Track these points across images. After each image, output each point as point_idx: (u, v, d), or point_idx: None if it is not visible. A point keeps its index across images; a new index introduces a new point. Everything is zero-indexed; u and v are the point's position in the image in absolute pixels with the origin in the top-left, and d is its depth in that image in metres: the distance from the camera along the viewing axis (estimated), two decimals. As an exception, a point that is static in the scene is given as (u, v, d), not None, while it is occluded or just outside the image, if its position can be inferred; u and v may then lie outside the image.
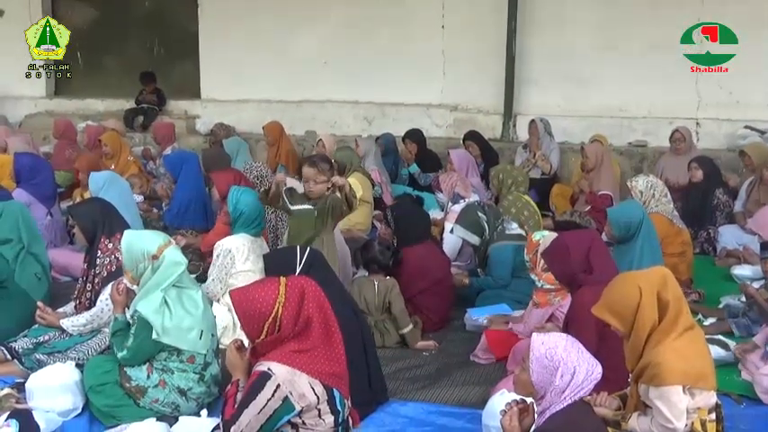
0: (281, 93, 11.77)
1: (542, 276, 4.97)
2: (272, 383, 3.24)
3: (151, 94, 12.26)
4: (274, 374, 3.25)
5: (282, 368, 3.26)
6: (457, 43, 10.95)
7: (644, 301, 3.41)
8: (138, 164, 9.85)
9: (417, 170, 9.62)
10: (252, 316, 3.30)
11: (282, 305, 3.29)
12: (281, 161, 10.02)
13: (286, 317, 3.29)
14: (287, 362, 3.28)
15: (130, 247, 4.41)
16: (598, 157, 8.44)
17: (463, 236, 6.37)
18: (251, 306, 3.29)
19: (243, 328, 3.38)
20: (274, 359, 3.29)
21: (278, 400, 3.25)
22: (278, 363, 3.28)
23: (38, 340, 4.95)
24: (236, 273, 5.58)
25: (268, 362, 3.29)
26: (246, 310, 3.31)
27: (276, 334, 3.30)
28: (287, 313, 3.29)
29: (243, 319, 3.34)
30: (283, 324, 3.29)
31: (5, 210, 5.40)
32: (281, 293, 3.32)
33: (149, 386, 4.32)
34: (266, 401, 3.24)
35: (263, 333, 3.30)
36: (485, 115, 10.99)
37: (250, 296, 3.32)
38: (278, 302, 3.29)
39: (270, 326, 3.29)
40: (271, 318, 3.28)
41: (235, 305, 3.35)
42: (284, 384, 3.25)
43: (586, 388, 3.05)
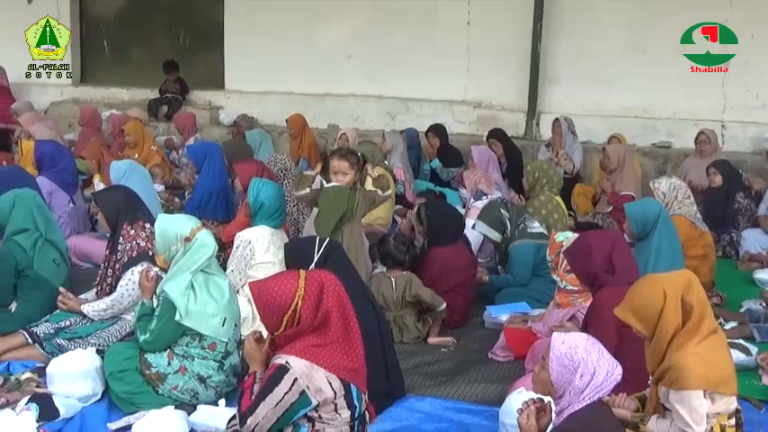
0: (304, 85, 11.79)
1: (565, 278, 4.95)
2: (289, 377, 3.24)
3: (174, 84, 12.32)
4: (292, 368, 3.25)
5: (300, 362, 3.26)
6: (482, 40, 10.91)
7: (668, 305, 3.39)
8: (162, 153, 9.89)
9: (439, 165, 9.61)
10: (271, 308, 3.30)
11: (302, 298, 3.29)
12: (303, 154, 10.04)
13: (305, 310, 3.28)
14: (305, 356, 3.27)
15: (164, 231, 4.46)
16: (620, 158, 8.39)
17: (485, 232, 6.36)
18: (270, 299, 3.29)
19: (262, 320, 3.38)
20: (292, 352, 3.29)
21: (295, 394, 3.25)
22: (296, 356, 3.27)
23: (59, 325, 5.00)
24: (255, 264, 5.59)
25: (286, 355, 3.29)
26: (266, 302, 3.31)
27: (295, 327, 3.29)
28: (306, 307, 3.29)
29: (262, 312, 3.34)
30: (302, 317, 3.28)
31: (18, 199, 5.40)
32: (300, 287, 3.31)
33: (170, 373, 4.36)
34: (283, 395, 3.24)
35: (282, 326, 3.30)
36: (508, 113, 10.96)
37: (270, 289, 3.32)
38: (297, 295, 3.29)
39: (289, 319, 3.29)
40: (290, 311, 3.28)
41: (254, 297, 3.35)
42: (301, 378, 3.24)
43: (606, 389, 3.04)
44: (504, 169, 9.31)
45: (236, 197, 7.48)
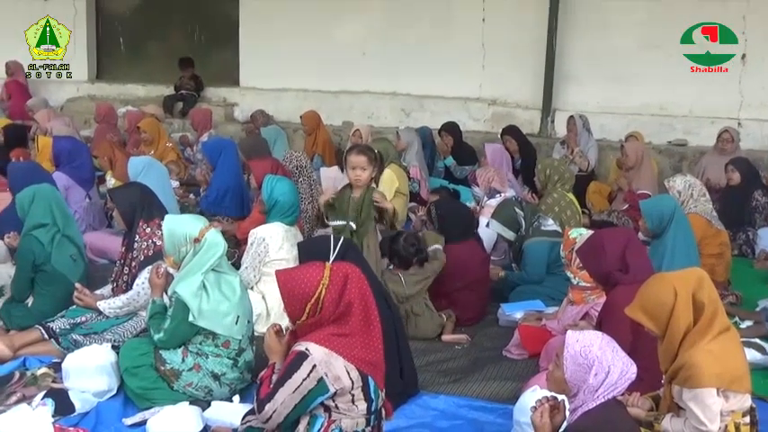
0: (319, 82, 11.81)
1: (578, 274, 4.94)
2: (308, 363, 3.28)
3: (189, 81, 12.36)
4: (311, 355, 3.29)
5: (320, 349, 3.30)
6: (497, 37, 10.90)
7: (679, 303, 3.38)
8: (177, 150, 9.93)
9: (453, 163, 9.60)
10: (295, 296, 3.35)
11: (326, 287, 3.34)
12: (317, 150, 10.06)
13: (328, 299, 3.33)
14: (325, 344, 3.32)
15: (172, 233, 4.45)
16: (638, 156, 8.36)
17: (499, 231, 6.35)
18: (295, 286, 3.35)
19: (285, 307, 3.43)
20: (312, 340, 3.34)
21: (313, 381, 3.28)
22: (315, 344, 3.32)
23: (75, 321, 5.03)
24: (269, 261, 5.60)
25: (306, 342, 3.34)
26: (290, 289, 3.36)
27: (317, 316, 3.34)
28: (329, 296, 3.33)
29: (286, 299, 3.39)
30: (325, 306, 3.33)
31: (37, 194, 5.45)
32: (325, 276, 3.36)
33: (184, 370, 4.37)
34: (301, 381, 3.28)
35: (304, 314, 3.35)
36: (523, 110, 10.94)
37: (295, 276, 3.38)
38: (321, 284, 3.34)
39: (312, 307, 3.33)
40: (313, 299, 3.32)
41: (280, 284, 3.39)
42: (320, 365, 3.28)
43: (620, 387, 3.03)
44: (519, 166, 9.31)
45: (251, 193, 7.50)
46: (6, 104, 12.14)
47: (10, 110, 11.92)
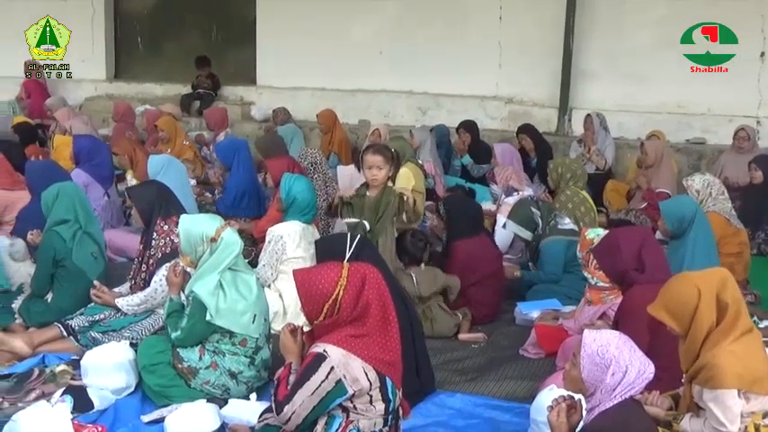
0: (335, 81, 11.81)
1: (596, 274, 4.91)
2: (326, 365, 3.28)
3: (206, 79, 12.40)
4: (329, 356, 3.29)
5: (337, 351, 3.30)
6: (514, 35, 10.86)
7: (702, 303, 3.35)
8: (194, 148, 9.96)
9: (470, 161, 9.59)
10: (312, 296, 3.34)
11: (344, 288, 3.33)
12: (333, 149, 10.07)
13: (346, 300, 3.33)
14: (342, 345, 3.31)
15: (188, 232, 4.46)
16: (657, 154, 8.31)
17: (516, 231, 6.35)
18: (313, 286, 3.34)
19: (302, 307, 3.42)
20: (330, 341, 3.33)
21: (331, 383, 3.28)
22: (333, 345, 3.31)
23: (94, 318, 5.06)
24: (287, 259, 5.61)
25: (324, 344, 3.34)
26: (308, 289, 3.35)
27: (334, 317, 3.34)
28: (347, 296, 3.33)
29: (303, 299, 3.38)
30: (342, 307, 3.33)
31: (62, 191, 5.50)
32: (343, 276, 3.36)
33: (201, 368, 4.39)
34: (320, 383, 3.28)
35: (321, 314, 3.35)
36: (540, 108, 10.90)
37: (313, 276, 3.37)
38: (339, 285, 3.33)
39: (329, 307, 3.33)
40: (331, 299, 3.32)
41: (297, 284, 3.39)
42: (338, 367, 3.28)
43: (638, 387, 3.02)
44: (535, 165, 9.28)
45: (268, 192, 7.51)
46: (25, 103, 12.23)
47: (29, 109, 12.01)
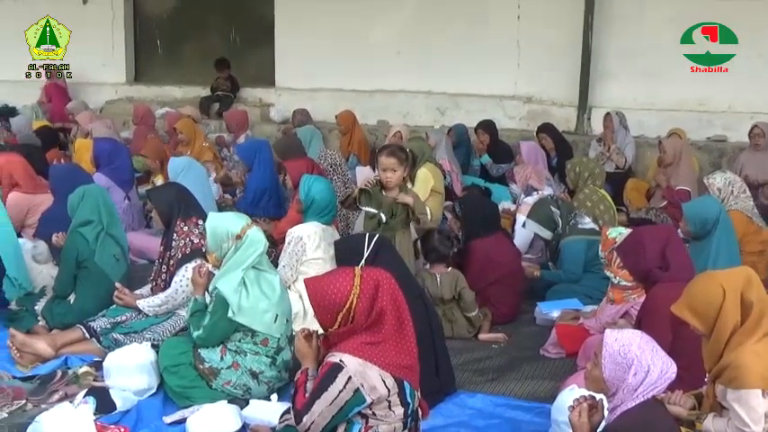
0: (354, 82, 11.81)
1: (619, 273, 4.89)
2: (343, 375, 3.26)
3: (225, 81, 12.44)
4: (346, 366, 3.26)
5: (354, 360, 3.27)
6: (532, 34, 10.83)
7: (727, 302, 3.32)
8: (213, 150, 10.00)
9: (489, 161, 9.56)
10: (326, 306, 3.31)
11: (357, 297, 3.29)
12: (353, 150, 10.07)
13: (360, 308, 3.29)
14: (358, 354, 3.28)
15: (215, 230, 4.50)
16: (677, 152, 8.26)
17: (535, 230, 6.32)
18: (325, 296, 3.31)
19: (316, 316, 3.40)
20: (346, 350, 3.30)
21: (349, 392, 3.26)
22: (349, 354, 3.28)
23: (115, 320, 5.09)
24: (307, 260, 5.62)
25: (340, 353, 3.30)
26: (321, 299, 3.32)
27: (349, 325, 3.31)
28: (361, 305, 3.29)
29: (316, 309, 3.35)
30: (357, 316, 3.29)
31: (87, 192, 5.56)
32: (355, 285, 3.31)
33: (222, 368, 4.41)
34: (338, 393, 3.26)
35: (336, 323, 3.31)
36: (559, 108, 10.86)
37: (325, 286, 3.33)
38: (353, 294, 3.29)
39: (344, 316, 3.30)
40: (345, 309, 3.28)
41: (309, 294, 3.36)
42: (355, 376, 3.25)
43: (660, 386, 3.00)
44: (555, 164, 9.25)
45: (287, 193, 7.53)
46: (47, 107, 12.32)
47: (50, 113, 12.11)
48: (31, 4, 12.51)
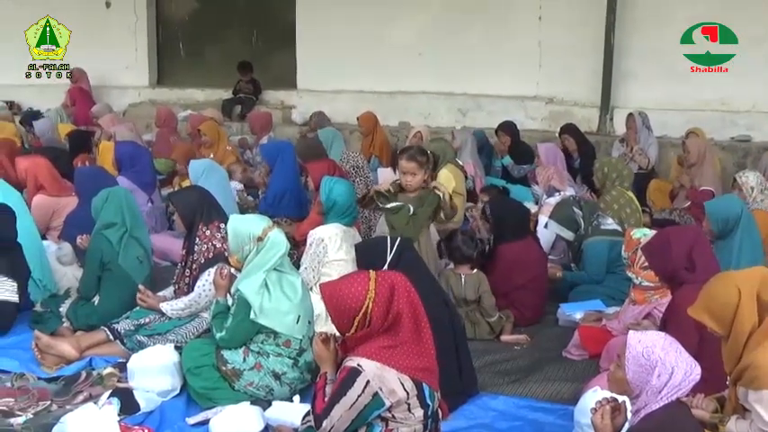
0: (375, 84, 11.83)
1: (641, 274, 4.86)
2: (361, 379, 3.26)
3: (247, 84, 12.49)
4: (364, 371, 3.26)
5: (372, 364, 3.27)
6: (554, 35, 10.79)
7: (743, 303, 3.30)
8: (236, 153, 10.04)
9: (510, 162, 9.54)
10: (342, 311, 3.31)
11: (373, 300, 3.28)
12: (374, 152, 10.08)
13: (376, 312, 3.28)
14: (376, 357, 3.28)
15: (236, 231, 4.52)
16: (700, 152, 8.20)
17: (557, 231, 6.30)
18: (341, 301, 3.30)
19: (333, 321, 3.40)
20: (364, 354, 3.30)
21: (368, 396, 3.26)
22: (367, 358, 3.28)
23: (139, 322, 5.13)
24: (328, 262, 5.62)
25: (358, 357, 3.30)
26: (336, 304, 3.32)
27: (366, 329, 3.30)
28: (377, 309, 3.28)
29: (333, 313, 3.35)
30: (373, 319, 3.28)
31: (111, 195, 5.61)
32: (371, 289, 3.30)
33: (245, 369, 4.42)
34: (357, 397, 3.26)
35: (353, 328, 3.31)
36: (581, 108, 10.82)
37: (340, 291, 3.32)
38: (368, 298, 3.28)
39: (360, 321, 3.29)
40: (361, 313, 3.28)
41: (325, 299, 3.36)
42: (374, 380, 3.25)
43: (684, 388, 2.98)
44: (578, 165, 9.21)
45: (309, 195, 7.55)
46: (71, 110, 12.43)
47: (75, 116, 12.20)
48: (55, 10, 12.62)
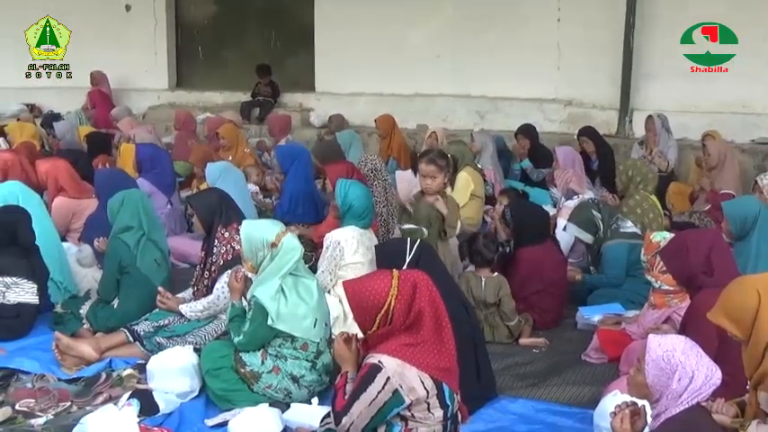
0: (393, 86, 11.82)
1: (660, 278, 4.83)
2: (382, 376, 3.27)
3: (266, 87, 12.53)
4: (384, 367, 3.28)
5: (393, 361, 3.29)
6: (572, 36, 10.75)
7: (763, 306, 3.26)
8: (255, 156, 10.07)
9: (530, 165, 9.51)
10: (364, 307, 3.34)
11: (395, 298, 3.32)
12: (392, 154, 10.07)
13: (398, 309, 3.31)
14: (397, 355, 3.30)
15: (250, 237, 4.53)
16: (721, 155, 8.15)
17: (576, 234, 6.28)
18: (364, 297, 3.33)
19: (355, 318, 3.43)
20: (385, 352, 3.32)
21: (388, 393, 3.28)
22: (388, 355, 3.30)
23: (158, 324, 5.15)
24: (345, 265, 5.63)
25: (378, 354, 3.33)
26: (359, 301, 3.35)
27: (388, 326, 3.33)
28: (399, 306, 3.31)
29: (355, 311, 3.38)
30: (395, 316, 3.31)
31: (126, 198, 5.64)
32: (393, 286, 3.34)
33: (263, 372, 4.43)
34: (377, 394, 3.27)
35: (374, 325, 3.34)
36: (600, 110, 10.77)
37: (363, 288, 3.36)
38: (390, 295, 3.32)
39: (382, 318, 3.32)
40: (383, 310, 3.31)
41: (348, 296, 3.39)
42: (394, 377, 3.27)
43: (705, 393, 2.96)
44: (596, 167, 9.17)
45: (326, 197, 7.55)
46: (91, 113, 12.51)
47: (95, 119, 12.27)
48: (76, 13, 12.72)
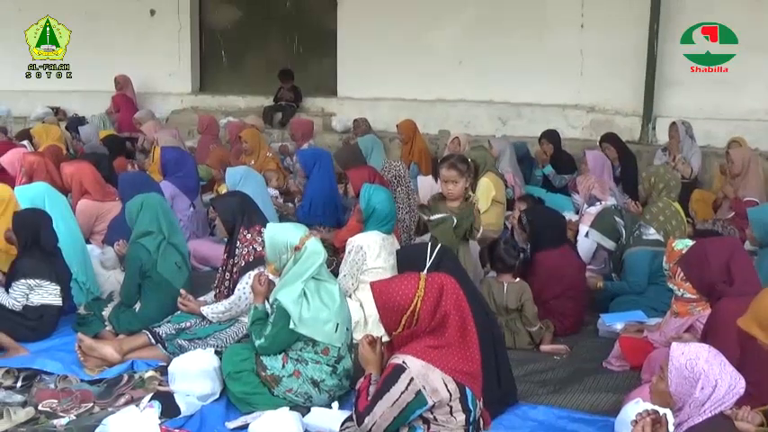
0: (415, 91, 11.83)
1: (683, 286, 4.78)
2: (405, 376, 3.29)
3: (288, 92, 12.56)
4: (409, 368, 3.30)
5: (417, 362, 3.31)
6: (596, 42, 10.71)
7: (796, 316, 3.25)
8: (277, 160, 10.10)
9: (552, 171, 9.48)
10: (391, 308, 3.36)
11: (421, 299, 3.34)
12: (414, 159, 10.07)
13: (424, 311, 3.33)
14: (422, 356, 3.32)
15: (274, 240, 4.55)
16: (744, 162, 8.08)
17: (598, 240, 6.24)
18: (390, 298, 3.36)
19: (381, 319, 3.45)
20: (409, 353, 3.34)
21: (411, 394, 3.29)
22: (413, 356, 3.32)
23: (180, 326, 5.19)
24: (367, 269, 5.64)
25: (403, 355, 3.35)
26: (386, 302, 3.37)
27: (413, 328, 3.34)
28: (425, 308, 3.33)
29: (382, 311, 3.40)
30: (421, 318, 3.33)
31: (145, 203, 5.66)
32: (420, 288, 3.36)
33: (284, 375, 4.44)
34: (400, 394, 3.29)
35: (400, 326, 3.36)
36: (623, 117, 10.72)
37: (390, 289, 3.39)
38: (417, 296, 3.34)
39: (407, 319, 3.34)
40: (409, 311, 3.33)
41: (375, 297, 3.41)
42: (418, 378, 3.28)
43: (728, 402, 2.94)
44: (618, 174, 9.13)
45: (348, 202, 7.56)
46: (115, 117, 12.61)
47: (119, 122, 12.37)
48: (101, 18, 12.84)
